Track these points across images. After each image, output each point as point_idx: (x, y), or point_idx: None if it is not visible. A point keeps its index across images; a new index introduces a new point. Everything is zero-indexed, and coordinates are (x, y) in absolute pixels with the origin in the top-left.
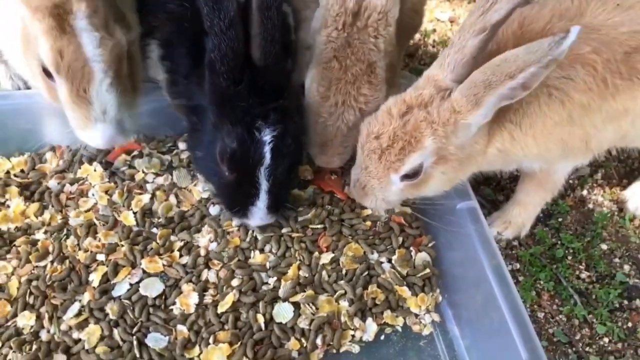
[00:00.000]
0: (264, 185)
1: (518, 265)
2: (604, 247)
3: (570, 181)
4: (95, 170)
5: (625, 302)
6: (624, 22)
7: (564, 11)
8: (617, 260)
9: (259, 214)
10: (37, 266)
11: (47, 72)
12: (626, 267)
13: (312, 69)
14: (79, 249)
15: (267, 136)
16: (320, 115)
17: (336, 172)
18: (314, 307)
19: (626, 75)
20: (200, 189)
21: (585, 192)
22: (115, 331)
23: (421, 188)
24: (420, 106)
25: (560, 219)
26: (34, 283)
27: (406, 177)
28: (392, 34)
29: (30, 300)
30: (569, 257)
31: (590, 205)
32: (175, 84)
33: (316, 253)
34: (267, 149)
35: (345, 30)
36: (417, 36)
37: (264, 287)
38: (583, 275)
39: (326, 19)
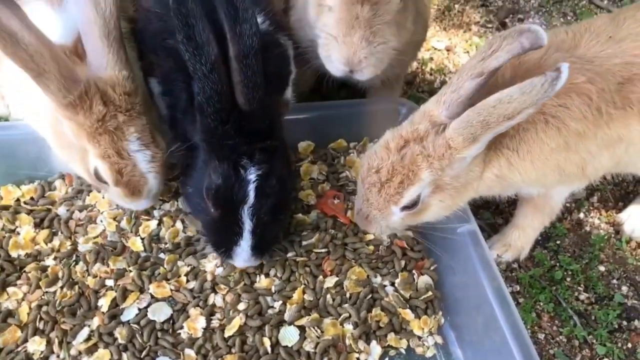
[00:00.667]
0: (248, 224)
1: (518, 287)
2: (602, 268)
3: (567, 204)
4: (103, 197)
5: (625, 322)
6: (616, 54)
7: (560, 43)
8: (615, 281)
9: (242, 255)
10: (47, 292)
11: (99, 178)
12: (624, 288)
13: None
14: (88, 275)
15: (251, 175)
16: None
17: (339, 196)
18: (319, 331)
19: (620, 105)
20: None
21: (582, 215)
22: (124, 355)
23: (420, 216)
24: (416, 140)
25: (558, 242)
26: (44, 308)
27: (405, 207)
28: None
29: (41, 325)
30: (568, 279)
31: (588, 228)
32: (175, 119)
33: (320, 277)
34: (251, 188)
35: None
36: (415, 64)
37: (270, 311)
38: (582, 297)
39: None
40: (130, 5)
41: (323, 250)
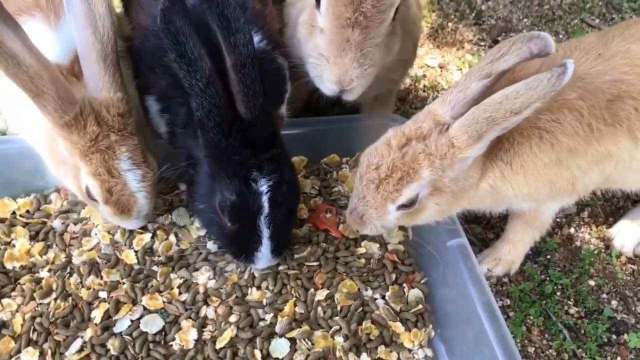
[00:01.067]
0: (265, 232)
1: (508, 301)
2: (592, 283)
3: (558, 219)
4: (98, 211)
5: (614, 336)
6: (606, 71)
7: (551, 60)
8: (604, 295)
9: (263, 259)
10: (41, 303)
11: (90, 196)
12: (614, 303)
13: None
14: (82, 287)
15: (263, 186)
16: (337, 6)
17: (331, 210)
18: (309, 343)
19: (609, 122)
20: (198, 225)
21: (572, 230)
22: None
23: (415, 217)
24: (419, 138)
25: (548, 256)
26: (38, 320)
27: (402, 206)
28: None
29: (34, 336)
30: (558, 293)
31: (578, 243)
32: (174, 135)
33: (312, 290)
34: (264, 199)
35: None
36: (408, 81)
37: (261, 323)
38: (572, 311)
39: None
40: (126, 23)
41: (314, 264)
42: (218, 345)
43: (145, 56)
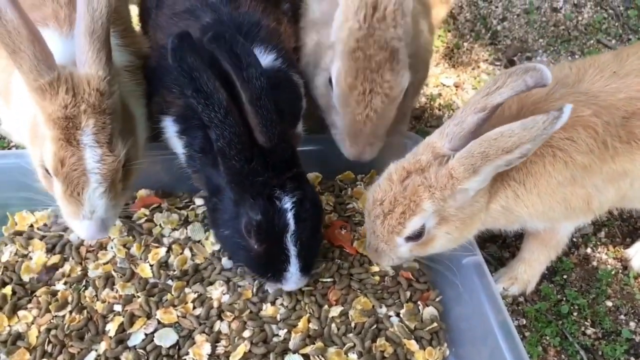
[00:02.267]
0: (293, 250)
1: (524, 321)
2: (609, 304)
3: (574, 239)
4: (114, 225)
5: (632, 358)
6: (620, 89)
7: (564, 78)
8: (622, 317)
9: (292, 279)
10: (56, 316)
11: (45, 168)
12: (632, 324)
13: (337, 63)
14: (97, 300)
15: (287, 204)
16: (348, 106)
17: (346, 227)
18: (323, 359)
19: (625, 139)
20: (213, 240)
21: (589, 250)
22: None
23: (427, 248)
24: (418, 171)
25: (565, 276)
26: (53, 332)
27: (410, 238)
28: (409, 25)
29: (49, 348)
30: (575, 314)
31: (595, 263)
32: (193, 159)
33: (326, 306)
34: (289, 216)
35: (366, 22)
36: (423, 100)
37: (275, 339)
38: (589, 332)
39: (347, 14)
40: (144, 41)
41: (329, 280)
42: None
43: (163, 75)
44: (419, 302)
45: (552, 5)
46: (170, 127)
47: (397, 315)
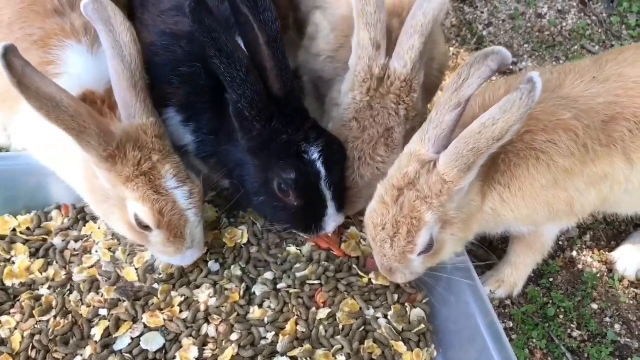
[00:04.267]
0: (328, 194)
1: (511, 324)
2: (595, 306)
3: (560, 243)
4: (99, 228)
5: None
6: (600, 94)
7: (546, 83)
8: (607, 319)
9: (331, 220)
10: (40, 321)
11: (140, 224)
12: (617, 327)
13: (331, 124)
14: (82, 304)
15: (315, 154)
16: None
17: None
18: None
19: (605, 142)
20: None
21: (574, 253)
22: None
23: (439, 255)
24: (409, 186)
25: (551, 279)
26: (37, 337)
27: (422, 252)
28: (417, 100)
29: (33, 354)
30: (561, 316)
31: (580, 266)
32: (204, 144)
33: (313, 308)
34: (319, 165)
35: (369, 95)
36: None
37: (263, 342)
38: (575, 334)
39: (354, 82)
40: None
41: (316, 282)
42: None
43: (158, 70)
44: (406, 304)
45: (537, 12)
46: (173, 118)
47: (385, 317)
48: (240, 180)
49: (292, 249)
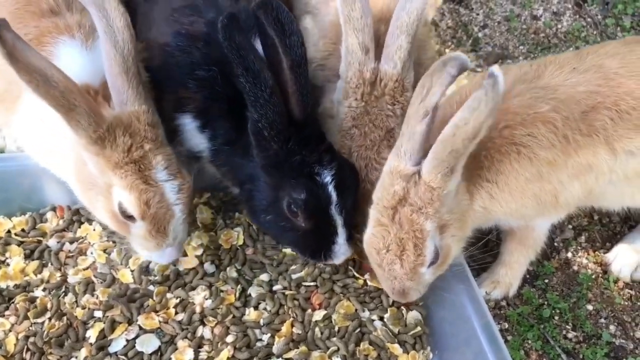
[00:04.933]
0: (339, 220)
1: (506, 325)
2: (590, 307)
3: (555, 244)
4: (94, 230)
5: None
6: (580, 83)
7: (523, 75)
8: (602, 320)
9: (341, 250)
10: (35, 323)
11: (124, 213)
12: (612, 328)
13: (333, 137)
14: (77, 306)
15: (327, 177)
16: None
17: None
18: None
19: (586, 132)
20: (195, 245)
21: (569, 255)
22: None
23: (446, 260)
24: (401, 202)
25: (546, 280)
26: (32, 339)
27: (431, 263)
28: (410, 98)
29: (27, 356)
30: (556, 317)
31: (575, 267)
32: (219, 152)
33: (309, 310)
34: (331, 189)
35: (363, 100)
36: None
37: (258, 344)
38: (570, 335)
39: (347, 91)
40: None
41: (312, 284)
42: None
43: (173, 72)
44: (402, 306)
45: (532, 13)
46: (189, 124)
47: (381, 319)
48: (249, 195)
49: (288, 250)
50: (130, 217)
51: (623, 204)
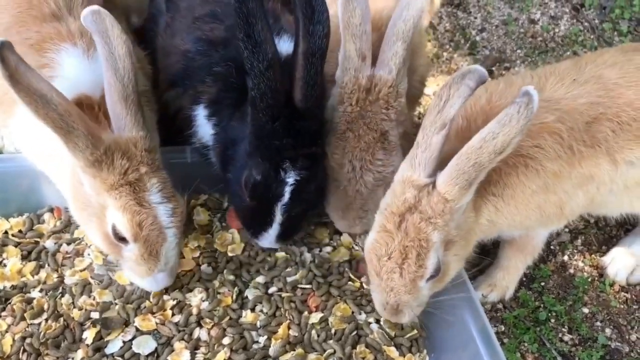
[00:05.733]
0: (278, 218)
1: (503, 328)
2: (586, 310)
3: (552, 247)
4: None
5: None
6: (582, 95)
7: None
8: (598, 323)
9: (268, 239)
10: (31, 324)
11: (117, 235)
12: (607, 331)
13: (328, 139)
14: (74, 307)
15: (290, 178)
16: (339, 181)
17: None
18: None
19: (589, 143)
20: (192, 247)
21: (566, 258)
22: None
23: (445, 277)
24: (411, 210)
25: (542, 283)
26: (28, 340)
27: (430, 277)
28: (404, 104)
29: (24, 357)
30: (552, 320)
31: (571, 270)
32: (220, 132)
33: (305, 313)
34: (287, 190)
35: (358, 105)
36: None
37: (255, 346)
38: (566, 338)
39: (342, 96)
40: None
41: (308, 286)
42: None
43: (194, 73)
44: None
45: (530, 17)
46: (200, 114)
47: (377, 322)
48: (225, 157)
49: (281, 254)
50: (122, 240)
51: (622, 211)
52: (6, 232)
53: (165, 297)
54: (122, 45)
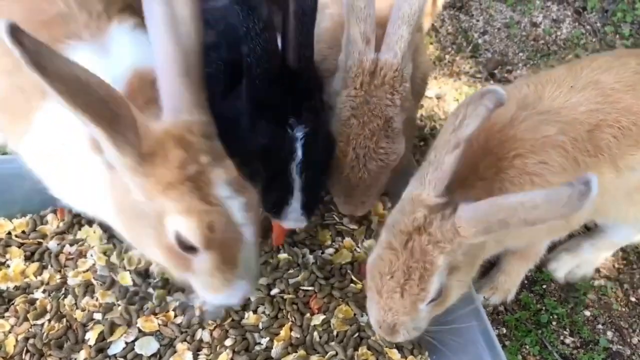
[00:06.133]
0: (297, 182)
1: (504, 330)
2: (587, 313)
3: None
4: (94, 232)
5: None
6: (581, 102)
7: (524, 98)
8: (600, 326)
9: (293, 215)
10: (34, 324)
11: (182, 245)
12: (609, 334)
13: (332, 126)
14: (77, 308)
15: (299, 132)
16: (342, 169)
17: None
18: None
19: (592, 153)
20: None
21: None
22: None
23: (445, 302)
24: (419, 231)
25: (544, 286)
26: (31, 341)
27: (432, 300)
28: (408, 89)
29: (27, 358)
30: (554, 323)
31: None
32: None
33: (308, 314)
34: (298, 145)
35: (363, 89)
36: None
37: (257, 347)
38: (567, 341)
39: (345, 80)
40: None
41: (310, 288)
42: None
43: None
44: None
45: (532, 20)
46: None
47: None
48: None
49: (284, 255)
50: (190, 249)
51: (622, 219)
52: (9, 233)
53: (168, 298)
54: (187, 4)
